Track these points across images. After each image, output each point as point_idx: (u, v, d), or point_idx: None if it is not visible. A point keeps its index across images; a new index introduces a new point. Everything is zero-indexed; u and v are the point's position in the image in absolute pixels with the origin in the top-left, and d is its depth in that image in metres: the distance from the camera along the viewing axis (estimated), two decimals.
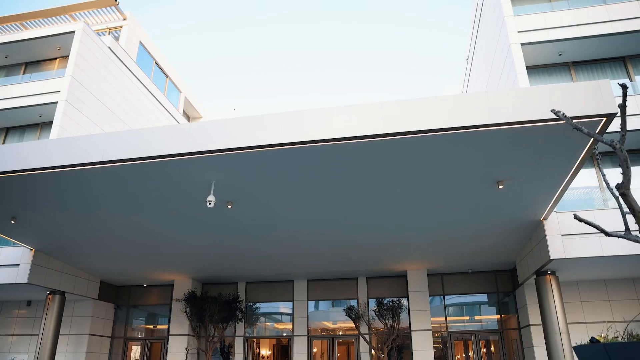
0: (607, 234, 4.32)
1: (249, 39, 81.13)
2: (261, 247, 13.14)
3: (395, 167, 8.66)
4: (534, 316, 13.61)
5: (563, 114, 3.99)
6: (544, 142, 7.82)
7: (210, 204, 8.91)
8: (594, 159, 3.87)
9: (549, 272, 11.94)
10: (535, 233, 11.73)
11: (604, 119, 7.16)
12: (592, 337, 4.22)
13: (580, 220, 4.40)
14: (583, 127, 3.97)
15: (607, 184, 4.38)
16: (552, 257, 10.80)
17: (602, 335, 4.59)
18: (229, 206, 10.15)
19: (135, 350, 18.12)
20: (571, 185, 9.67)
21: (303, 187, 9.53)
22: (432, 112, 7.56)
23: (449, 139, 7.68)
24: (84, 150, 8.90)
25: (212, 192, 9.06)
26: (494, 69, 15.73)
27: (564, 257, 10.75)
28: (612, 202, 11.92)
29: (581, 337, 13.27)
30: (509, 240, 12.48)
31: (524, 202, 10.21)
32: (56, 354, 16.04)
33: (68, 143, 9.39)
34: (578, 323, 13.41)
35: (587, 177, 12.23)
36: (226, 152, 8.17)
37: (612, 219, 10.80)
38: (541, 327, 13.13)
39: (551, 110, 4.22)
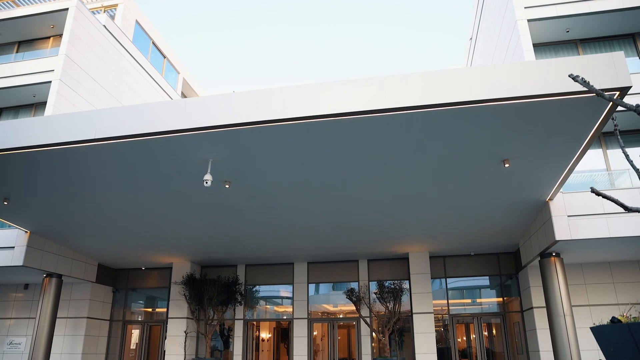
0: (626, 208, 4.04)
1: (249, 26, 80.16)
2: (260, 229, 12.88)
3: (397, 145, 8.35)
4: (537, 299, 13.43)
5: (582, 78, 3.68)
6: (553, 117, 7.51)
7: (207, 182, 8.65)
8: (615, 131, 3.60)
9: (554, 254, 11.70)
10: (540, 214, 11.46)
11: (617, 92, 6.84)
12: (613, 317, 3.97)
13: (598, 194, 4.12)
14: (605, 93, 3.66)
15: (630, 161, 4.10)
16: (557, 238, 10.56)
17: (624, 314, 4.34)
18: (227, 186, 9.89)
19: (135, 334, 18.01)
20: (577, 166, 9.39)
21: (303, 166, 9.24)
22: (436, 86, 7.24)
23: (453, 114, 7.37)
24: (75, 128, 8.60)
25: (209, 170, 8.79)
26: (499, 47, 15.32)
27: (569, 238, 10.51)
28: (619, 183, 11.66)
29: (585, 320, 13.14)
30: (513, 222, 12.23)
31: (530, 182, 9.92)
32: (55, 337, 15.93)
33: (58, 120, 9.08)
34: (582, 306, 13.23)
35: (593, 158, 11.93)
36: (223, 128, 7.88)
37: (620, 199, 10.61)
38: (544, 309, 12.99)
39: (569, 76, 3.91)
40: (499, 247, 14.86)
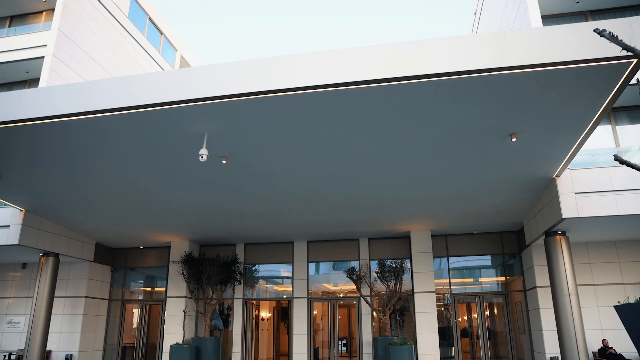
0: None
1: (252, 9, 78.84)
2: (259, 206, 12.60)
3: (400, 117, 8.00)
4: (541, 278, 13.22)
5: (609, 33, 3.33)
6: (564, 88, 7.15)
7: (202, 157, 8.35)
8: None
9: (560, 233, 11.43)
10: (547, 191, 11.16)
11: (635, 60, 6.47)
12: None
13: (622, 162, 3.80)
14: (635, 47, 3.31)
15: None
16: (564, 216, 10.27)
17: None
18: (224, 161, 9.58)
19: (135, 313, 17.91)
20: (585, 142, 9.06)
21: (302, 140, 8.90)
22: (442, 54, 6.87)
23: (460, 85, 7.02)
24: (65, 101, 8.27)
25: (204, 145, 8.49)
26: (505, 20, 14.84)
27: (576, 216, 10.22)
28: (628, 159, 11.29)
29: (589, 299, 12.95)
30: (517, 199, 11.92)
31: (537, 157, 9.59)
32: (53, 316, 15.85)
33: (46, 93, 8.73)
34: (586, 285, 13.04)
35: (601, 134, 11.56)
36: (218, 99, 7.55)
37: (629, 176, 10.31)
38: (548, 289, 12.82)
39: (594, 30, 3.55)
40: (502, 226, 14.59)
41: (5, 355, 16.02)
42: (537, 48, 6.63)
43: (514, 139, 8.54)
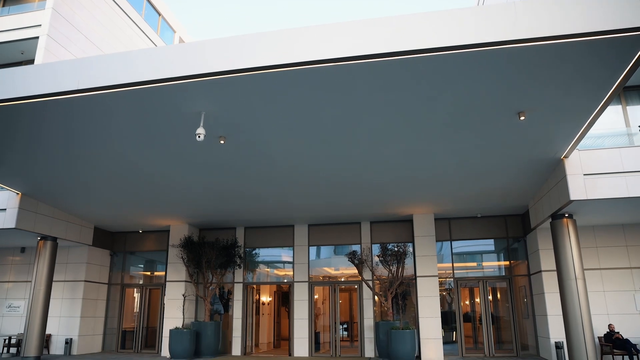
0: None
1: None
2: (259, 188, 12.33)
3: (405, 94, 7.68)
4: (546, 262, 12.99)
5: None
6: (576, 63, 6.82)
7: (199, 137, 8.07)
8: None
9: (567, 216, 11.17)
10: (554, 173, 10.86)
11: None
12: None
13: None
14: None
15: None
16: (572, 198, 9.99)
17: None
18: (222, 141, 9.29)
19: (135, 297, 17.77)
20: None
21: (302, 119, 8.59)
22: (450, 26, 6.53)
23: (467, 59, 6.68)
24: (56, 78, 7.98)
25: (201, 124, 8.18)
26: None
27: (585, 198, 9.94)
28: (638, 139, 10.98)
29: (596, 284, 12.73)
30: (524, 181, 11.63)
31: (545, 137, 9.28)
32: (53, 300, 15.76)
33: (38, 70, 8.44)
34: (593, 269, 12.81)
35: (611, 114, 11.22)
36: (214, 76, 7.24)
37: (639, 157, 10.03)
38: (553, 273, 12.61)
39: None
40: (507, 209, 14.32)
41: (5, 339, 15.95)
42: (548, 20, 6.28)
43: (522, 118, 8.23)
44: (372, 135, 9.19)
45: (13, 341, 16.05)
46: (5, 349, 15.77)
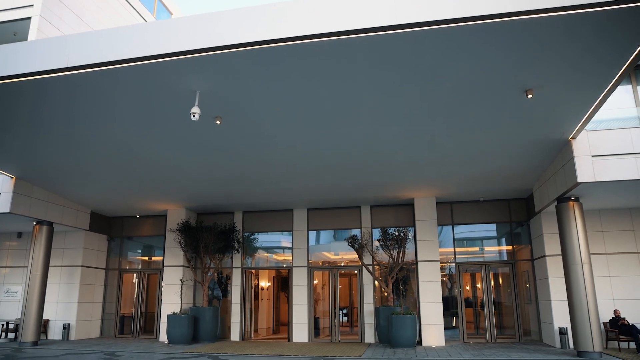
0: None
1: None
2: (256, 171, 12.02)
3: (406, 71, 7.33)
4: (551, 247, 12.73)
5: None
6: (588, 37, 6.47)
7: (194, 116, 7.83)
8: None
9: (573, 199, 10.88)
10: (560, 154, 10.54)
11: None
12: None
13: None
14: None
15: None
16: (579, 180, 9.69)
17: None
18: (218, 122, 9.00)
19: (133, 283, 17.57)
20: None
21: (301, 97, 8.25)
22: None
23: (472, 33, 6.34)
24: (45, 56, 7.67)
25: (196, 103, 7.92)
26: None
27: (592, 180, 9.64)
28: None
29: (601, 269, 12.48)
30: (529, 163, 11.30)
31: (553, 117, 8.95)
32: (50, 285, 15.61)
33: (24, 48, 8.09)
34: (598, 254, 12.54)
35: (621, 94, 10.86)
36: (209, 52, 6.92)
37: None
38: (557, 258, 12.37)
39: None
40: (510, 193, 14.01)
41: (2, 325, 15.82)
42: None
43: (529, 96, 7.90)
44: (372, 114, 8.86)
45: (11, 326, 15.91)
46: (3, 334, 15.64)
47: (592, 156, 9.70)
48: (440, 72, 7.35)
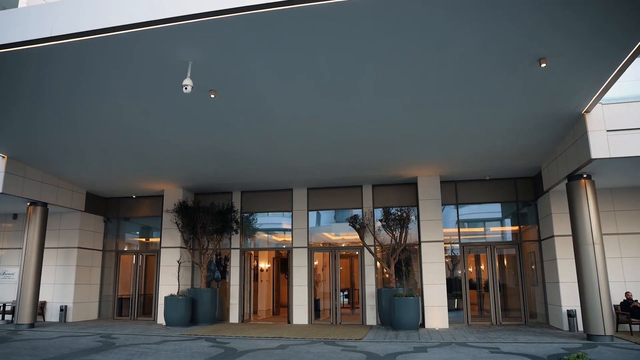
0: None
1: None
2: (254, 148, 11.51)
3: (412, 39, 6.80)
4: (559, 227, 12.31)
5: None
6: (605, 6, 5.96)
7: (186, 88, 7.37)
8: None
9: (585, 176, 10.40)
10: (573, 129, 10.02)
11: None
12: None
13: None
14: None
15: None
16: (593, 156, 9.19)
17: None
18: (212, 95, 8.51)
19: (131, 264, 17.25)
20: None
21: (299, 68, 7.73)
22: None
23: None
24: (27, 25, 7.16)
25: (188, 74, 7.43)
26: None
27: (607, 156, 9.15)
28: None
29: (613, 249, 12.07)
30: (538, 139, 10.77)
31: (566, 89, 8.42)
32: (47, 267, 15.39)
33: (3, 17, 7.56)
34: (610, 234, 12.09)
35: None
36: (198, 18, 6.41)
37: None
38: (566, 238, 11.98)
39: None
40: (517, 171, 13.51)
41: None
42: None
43: (543, 65, 7.37)
44: (375, 87, 8.35)
45: (8, 308, 15.66)
46: (0, 316, 15.40)
47: (607, 131, 9.19)
48: (448, 39, 6.82)
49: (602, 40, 6.84)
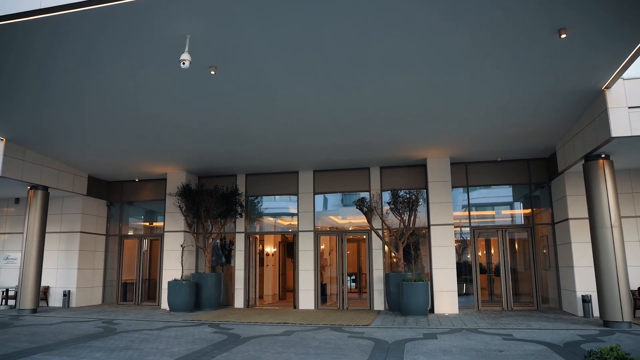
0: None
1: None
2: (257, 127, 11.06)
3: (423, 8, 6.34)
4: (574, 209, 11.87)
5: None
6: None
7: (184, 63, 6.99)
8: None
9: (603, 156, 9.93)
10: (592, 107, 9.52)
11: None
12: None
13: None
14: None
15: None
16: (613, 135, 8.72)
17: None
18: (212, 72, 8.11)
19: (135, 248, 17.02)
20: None
21: (305, 43, 7.30)
22: None
23: None
24: None
25: (186, 49, 7.03)
26: None
27: (629, 134, 8.68)
28: None
29: (631, 233, 11.64)
30: (554, 118, 10.29)
31: (587, 62, 7.92)
32: (49, 252, 15.22)
33: None
34: (628, 217, 11.63)
35: None
36: None
37: None
38: (581, 221, 11.58)
39: None
40: (530, 152, 13.02)
41: (3, 292, 15.42)
42: None
43: (563, 36, 6.89)
44: (384, 61, 7.90)
45: (11, 293, 15.51)
46: (3, 301, 15.26)
47: (629, 107, 8.70)
48: (461, 9, 6.34)
49: (626, 10, 6.35)
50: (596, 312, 10.89)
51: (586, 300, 11.16)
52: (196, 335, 9.26)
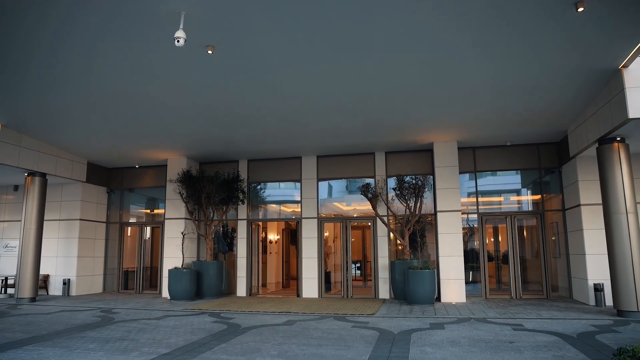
0: None
1: None
2: (257, 111, 10.69)
3: None
4: (586, 195, 11.48)
5: None
6: None
7: (178, 41, 6.65)
8: None
9: (618, 139, 9.50)
10: (607, 87, 9.08)
11: None
12: None
13: None
14: None
15: None
16: (630, 116, 8.30)
17: None
18: (210, 51, 7.74)
19: (136, 236, 16.77)
20: None
21: (306, 21, 6.92)
22: None
23: None
24: None
25: (181, 26, 6.68)
26: None
27: None
28: None
29: None
30: (567, 98, 9.84)
31: (604, 39, 7.48)
32: (49, 240, 15.09)
33: None
34: None
35: None
36: None
37: None
38: (593, 207, 11.21)
39: None
40: (540, 136, 12.59)
41: (2, 280, 15.23)
42: None
43: (580, 9, 6.45)
44: (388, 41, 7.48)
45: (11, 282, 15.33)
46: (3, 289, 15.08)
47: None
48: None
49: None
50: (608, 301, 10.54)
51: (598, 288, 10.80)
52: (195, 325, 8.99)
